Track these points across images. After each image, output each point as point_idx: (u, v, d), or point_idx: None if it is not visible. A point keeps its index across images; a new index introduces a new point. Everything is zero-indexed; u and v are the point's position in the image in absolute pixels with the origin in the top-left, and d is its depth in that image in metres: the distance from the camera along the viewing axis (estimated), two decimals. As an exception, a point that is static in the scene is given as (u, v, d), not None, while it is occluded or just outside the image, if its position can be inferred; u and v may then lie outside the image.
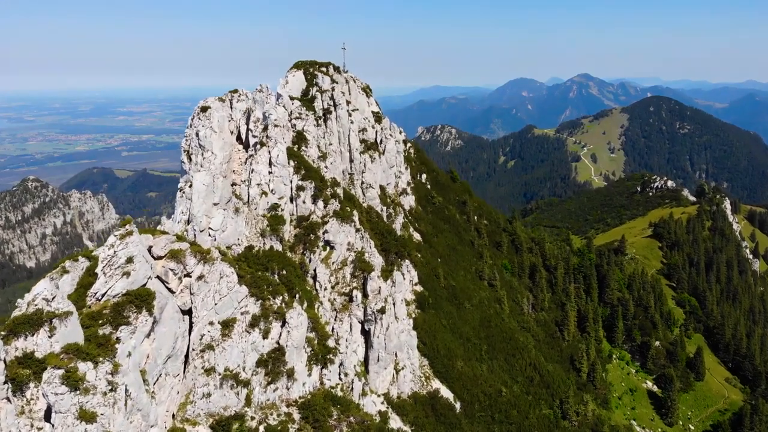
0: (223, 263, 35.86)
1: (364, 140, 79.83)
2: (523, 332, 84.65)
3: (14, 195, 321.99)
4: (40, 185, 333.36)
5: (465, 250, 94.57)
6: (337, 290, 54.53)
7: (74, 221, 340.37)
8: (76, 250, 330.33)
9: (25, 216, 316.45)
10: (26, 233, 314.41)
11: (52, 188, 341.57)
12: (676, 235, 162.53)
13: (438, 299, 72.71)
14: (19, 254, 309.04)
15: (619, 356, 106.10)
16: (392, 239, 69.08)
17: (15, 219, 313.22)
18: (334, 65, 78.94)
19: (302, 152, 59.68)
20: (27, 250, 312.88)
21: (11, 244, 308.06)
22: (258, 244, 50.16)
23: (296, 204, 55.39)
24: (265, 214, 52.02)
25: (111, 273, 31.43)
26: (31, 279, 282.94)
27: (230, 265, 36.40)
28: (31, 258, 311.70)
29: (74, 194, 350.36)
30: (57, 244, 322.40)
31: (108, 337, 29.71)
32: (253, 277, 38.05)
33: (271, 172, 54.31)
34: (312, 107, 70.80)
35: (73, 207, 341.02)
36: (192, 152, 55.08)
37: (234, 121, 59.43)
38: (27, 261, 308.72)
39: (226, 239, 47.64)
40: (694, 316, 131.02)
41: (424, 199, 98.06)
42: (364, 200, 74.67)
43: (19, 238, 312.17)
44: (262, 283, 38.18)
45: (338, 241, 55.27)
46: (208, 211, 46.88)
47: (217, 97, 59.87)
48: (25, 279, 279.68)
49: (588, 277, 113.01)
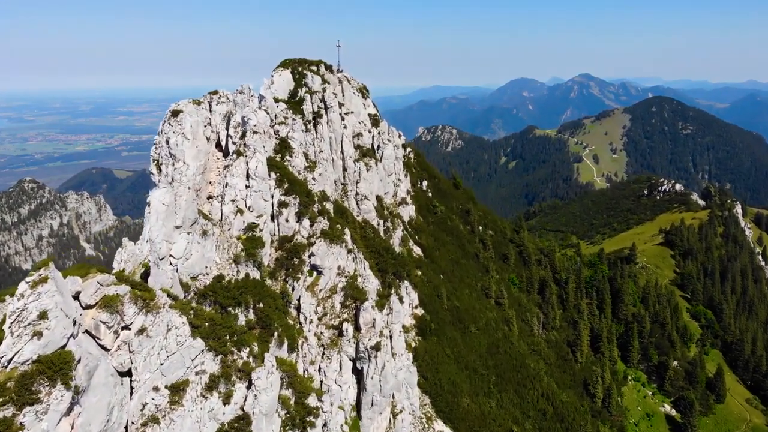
0: (171, 311, 28.42)
1: (360, 146, 72.47)
2: (533, 356, 77.28)
3: (10, 196, 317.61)
4: (36, 186, 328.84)
5: (469, 265, 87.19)
6: (325, 322, 47.16)
7: (71, 223, 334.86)
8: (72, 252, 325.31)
9: (21, 218, 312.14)
10: (22, 235, 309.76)
11: (48, 189, 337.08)
12: (689, 243, 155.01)
13: (441, 323, 65.36)
14: (15, 256, 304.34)
15: (634, 377, 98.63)
16: (390, 258, 61.73)
17: (11, 221, 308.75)
18: (325, 64, 71.48)
19: (286, 162, 52.26)
20: (23, 252, 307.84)
21: (7, 246, 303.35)
22: (230, 273, 42.75)
23: (278, 223, 48.00)
24: (240, 236, 44.63)
25: (19, 332, 24.06)
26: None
27: (182, 312, 28.95)
28: (27, 260, 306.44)
29: (71, 195, 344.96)
30: (53, 246, 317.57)
31: (10, 422, 22.40)
32: (212, 326, 30.63)
33: (248, 186, 46.93)
34: (300, 110, 63.39)
35: (69, 208, 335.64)
36: (162, 162, 47.83)
37: (212, 127, 52.14)
38: (23, 263, 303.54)
39: (191, 268, 40.24)
40: (710, 331, 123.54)
41: (425, 208, 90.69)
42: (359, 213, 67.28)
43: (15, 240, 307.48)
44: (224, 333, 30.78)
45: (326, 265, 47.91)
46: (168, 235, 39.46)
47: (191, 99, 52.56)
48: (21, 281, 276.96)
49: (601, 291, 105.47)
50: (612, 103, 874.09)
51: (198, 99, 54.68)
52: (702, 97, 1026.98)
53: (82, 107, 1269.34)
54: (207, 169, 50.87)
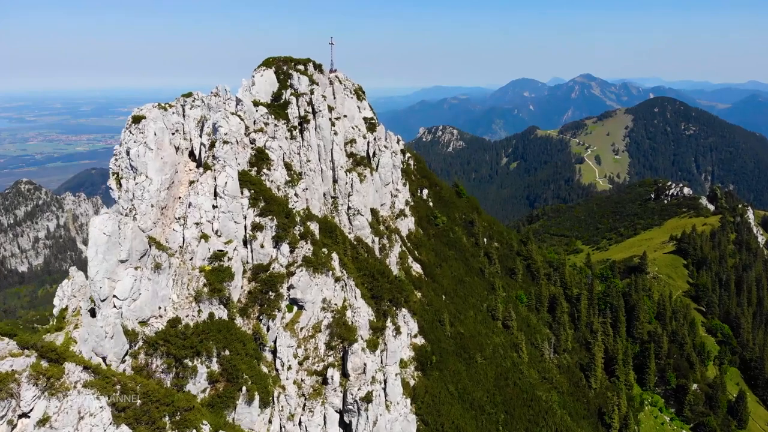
0: (86, 392, 21.21)
1: (353, 154, 65.23)
2: (544, 385, 70.03)
3: (6, 198, 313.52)
4: (33, 188, 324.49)
5: (474, 282, 79.94)
6: (307, 367, 39.90)
7: (68, 224, 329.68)
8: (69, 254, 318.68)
9: (17, 219, 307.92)
10: (18, 237, 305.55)
11: (45, 191, 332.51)
12: (702, 252, 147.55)
13: (443, 354, 58.14)
14: (10, 258, 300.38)
15: (651, 401, 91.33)
16: (385, 282, 54.44)
17: (7, 222, 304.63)
18: (314, 62, 64.12)
19: (263, 176, 44.98)
20: (19, 254, 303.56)
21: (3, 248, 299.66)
22: (191, 313, 35.53)
23: (251, 249, 40.74)
24: (204, 267, 37.40)
25: None
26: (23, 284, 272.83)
27: (101, 392, 21.73)
28: (24, 262, 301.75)
29: (68, 197, 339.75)
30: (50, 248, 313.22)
31: None
32: (147, 404, 23.36)
33: (216, 206, 39.72)
34: (284, 115, 56.09)
35: (66, 210, 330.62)
36: (122, 176, 40.67)
37: (185, 134, 44.98)
38: (19, 265, 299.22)
39: (139, 311, 33.05)
40: (728, 347, 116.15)
41: (425, 219, 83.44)
42: (351, 230, 60.02)
43: (11, 242, 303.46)
44: (161, 413, 23.51)
45: (309, 298, 40.66)
46: (111, 271, 32.30)
47: (157, 103, 45.29)
48: (17, 284, 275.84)
49: (615, 308, 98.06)
50: (613, 103, 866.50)
51: (170, 102, 47.54)
52: (703, 97, 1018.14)
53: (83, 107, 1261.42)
54: (177, 183, 43.60)
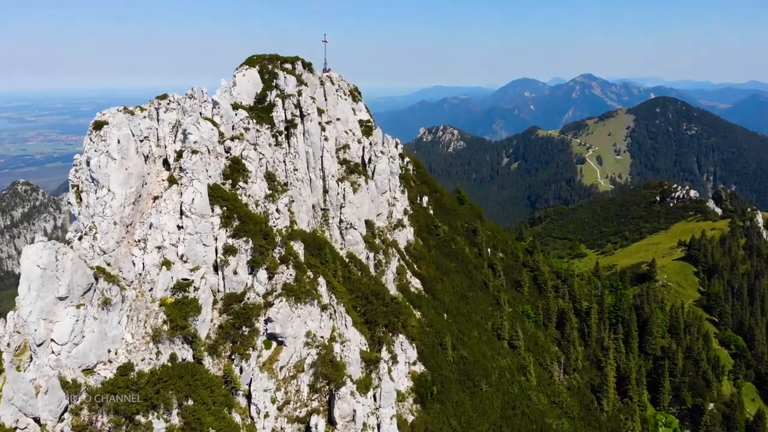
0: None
1: (346, 161, 59.75)
2: (554, 411, 64.57)
3: (3, 199, 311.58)
4: (30, 189, 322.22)
5: (477, 297, 74.44)
6: (287, 414, 34.39)
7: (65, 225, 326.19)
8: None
9: (14, 221, 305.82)
10: (15, 238, 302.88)
11: (42, 192, 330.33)
12: (713, 259, 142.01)
13: (445, 383, 52.64)
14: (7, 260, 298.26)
15: (665, 422, 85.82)
16: (380, 305, 49.00)
17: (4, 224, 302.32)
18: (303, 61, 58.61)
19: (239, 191, 39.45)
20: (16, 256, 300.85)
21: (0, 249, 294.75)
22: (147, 356, 30.04)
23: (223, 276, 35.19)
24: (164, 300, 31.92)
25: None
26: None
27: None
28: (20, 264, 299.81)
29: (65, 197, 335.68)
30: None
31: None
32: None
33: (181, 226, 34.26)
34: (269, 119, 50.62)
35: (64, 211, 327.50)
36: (83, 189, 35.28)
37: (158, 140, 39.59)
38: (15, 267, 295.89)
39: (83, 357, 27.56)
40: (743, 360, 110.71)
41: (425, 229, 77.90)
42: (343, 246, 54.52)
43: (7, 244, 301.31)
44: None
45: (290, 332, 35.16)
46: (48, 311, 26.84)
47: (123, 107, 39.77)
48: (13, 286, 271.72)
49: (626, 321, 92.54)
50: (614, 103, 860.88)
51: (141, 105, 42.08)
52: (704, 97, 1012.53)
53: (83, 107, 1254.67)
54: (146, 197, 38.09)
